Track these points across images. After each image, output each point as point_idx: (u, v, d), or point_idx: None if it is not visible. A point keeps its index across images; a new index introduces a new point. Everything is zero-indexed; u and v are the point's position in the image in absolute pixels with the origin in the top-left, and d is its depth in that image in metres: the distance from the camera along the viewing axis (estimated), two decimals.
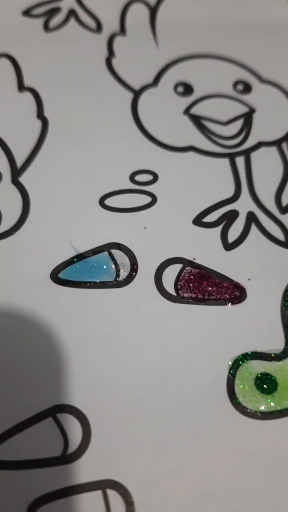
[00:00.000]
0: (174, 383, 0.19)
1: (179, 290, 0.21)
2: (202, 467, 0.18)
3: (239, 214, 0.23)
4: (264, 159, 0.25)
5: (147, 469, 0.18)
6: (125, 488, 0.17)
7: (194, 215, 0.23)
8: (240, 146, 0.25)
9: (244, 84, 0.27)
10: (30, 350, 0.19)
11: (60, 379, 0.19)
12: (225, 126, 0.26)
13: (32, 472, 0.17)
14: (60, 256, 0.21)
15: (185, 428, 0.19)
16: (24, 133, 0.24)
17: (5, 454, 0.17)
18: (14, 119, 0.16)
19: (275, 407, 0.19)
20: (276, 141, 0.26)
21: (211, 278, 0.22)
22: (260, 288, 0.22)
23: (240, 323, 0.21)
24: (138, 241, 0.22)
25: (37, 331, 0.19)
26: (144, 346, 0.20)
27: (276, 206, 0.24)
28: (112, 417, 0.18)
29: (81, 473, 0.17)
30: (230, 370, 0.20)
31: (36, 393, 0.18)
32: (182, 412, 0.19)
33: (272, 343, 0.21)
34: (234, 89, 0.27)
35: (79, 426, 0.18)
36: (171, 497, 0.17)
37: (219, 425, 0.19)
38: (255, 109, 0.27)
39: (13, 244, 0.21)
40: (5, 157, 0.23)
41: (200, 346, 0.20)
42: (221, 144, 0.25)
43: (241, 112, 0.26)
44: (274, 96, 0.27)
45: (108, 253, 0.21)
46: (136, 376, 0.19)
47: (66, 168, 0.23)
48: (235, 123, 0.26)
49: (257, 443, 0.19)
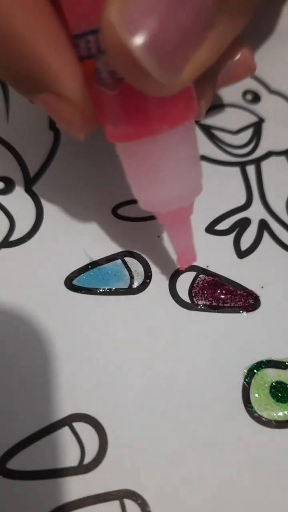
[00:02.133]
0: (189, 391, 0.19)
1: (193, 298, 0.21)
2: (219, 476, 0.18)
3: (251, 221, 0.23)
4: (274, 168, 0.25)
5: (164, 479, 0.18)
6: (142, 498, 0.17)
7: (207, 223, 0.23)
8: (250, 155, 0.26)
9: (253, 94, 0.28)
10: (43, 357, 0.19)
11: (76, 387, 0.19)
12: (235, 135, 0.26)
13: (49, 482, 0.17)
14: (73, 264, 0.21)
15: (201, 437, 0.18)
16: (37, 143, 0.24)
17: (21, 464, 0.17)
18: (27, 130, 0.16)
19: None
20: (285, 151, 0.26)
21: (225, 285, 0.22)
22: (273, 296, 0.22)
23: (254, 331, 0.21)
24: (152, 249, 0.22)
25: (51, 337, 0.19)
26: (159, 353, 0.20)
27: (287, 214, 0.24)
28: (128, 426, 0.18)
29: (98, 483, 0.17)
30: (245, 379, 0.20)
31: (50, 402, 0.18)
32: (198, 421, 0.19)
33: (286, 351, 0.20)
34: (244, 99, 0.27)
35: (96, 435, 0.18)
36: (188, 506, 0.17)
37: (235, 434, 0.19)
38: (264, 119, 0.27)
39: (28, 251, 0.21)
40: (18, 166, 0.23)
41: (214, 354, 0.20)
42: (232, 153, 0.25)
43: (251, 121, 0.27)
44: (282, 107, 0.28)
45: (121, 260, 0.21)
46: (150, 385, 0.19)
47: (79, 178, 0.23)
48: (244, 132, 0.26)
49: (272, 452, 0.18)
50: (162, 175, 0.16)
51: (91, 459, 0.17)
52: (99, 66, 0.14)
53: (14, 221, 0.22)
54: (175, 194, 0.17)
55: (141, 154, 0.16)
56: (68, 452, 0.18)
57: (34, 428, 0.18)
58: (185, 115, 0.15)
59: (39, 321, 0.20)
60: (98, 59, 0.14)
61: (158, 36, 0.10)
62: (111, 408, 0.18)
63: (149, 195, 0.17)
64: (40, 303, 0.20)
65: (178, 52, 0.10)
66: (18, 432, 0.18)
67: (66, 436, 0.18)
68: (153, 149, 0.16)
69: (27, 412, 0.18)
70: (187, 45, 0.10)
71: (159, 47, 0.10)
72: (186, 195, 0.18)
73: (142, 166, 0.16)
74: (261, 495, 0.18)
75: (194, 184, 0.18)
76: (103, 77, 0.14)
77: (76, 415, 0.18)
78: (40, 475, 0.17)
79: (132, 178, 0.17)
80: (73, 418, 0.18)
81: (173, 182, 0.17)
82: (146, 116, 0.15)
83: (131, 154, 0.16)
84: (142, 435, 0.18)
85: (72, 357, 0.19)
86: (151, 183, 0.17)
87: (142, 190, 0.17)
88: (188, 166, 0.17)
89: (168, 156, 0.16)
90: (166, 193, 0.17)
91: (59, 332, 0.20)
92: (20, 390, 0.18)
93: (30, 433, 0.18)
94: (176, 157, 0.16)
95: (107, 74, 0.14)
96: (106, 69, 0.14)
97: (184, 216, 0.18)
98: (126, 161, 0.17)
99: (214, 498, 0.17)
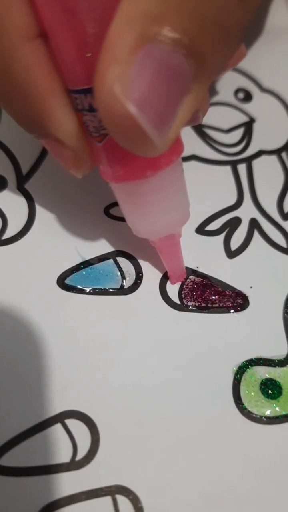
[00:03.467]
0: (180, 389, 0.19)
1: (183, 299, 0.21)
2: (210, 472, 0.18)
3: (241, 221, 0.24)
4: (266, 167, 0.26)
5: (156, 475, 0.18)
6: (134, 493, 0.17)
7: (197, 224, 0.23)
8: (241, 154, 0.26)
9: (245, 92, 0.28)
10: (36, 355, 0.19)
11: (68, 384, 0.19)
12: (227, 134, 0.26)
13: (41, 478, 0.17)
14: (66, 263, 0.21)
15: (192, 433, 0.19)
16: (29, 141, 0.24)
17: (14, 461, 0.17)
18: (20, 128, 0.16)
19: (280, 412, 0.19)
20: (276, 150, 0.26)
21: (214, 287, 0.22)
22: (262, 295, 0.22)
23: (243, 330, 0.21)
24: (144, 250, 0.22)
25: (43, 336, 0.20)
26: (150, 352, 0.20)
27: (278, 212, 0.24)
28: (120, 423, 0.19)
29: (90, 479, 0.17)
30: (236, 376, 0.20)
31: (43, 399, 0.19)
32: (189, 418, 0.19)
33: (275, 349, 0.21)
34: (235, 97, 0.27)
35: (88, 432, 0.18)
36: (179, 502, 0.18)
37: (225, 430, 0.19)
38: (255, 119, 0.27)
39: (20, 250, 0.21)
40: (10, 164, 0.23)
41: (204, 353, 0.20)
42: (223, 152, 0.26)
43: (242, 121, 0.27)
44: (273, 106, 0.28)
45: (113, 260, 0.22)
46: (142, 383, 0.19)
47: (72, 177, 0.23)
48: (236, 131, 0.26)
49: (263, 448, 0.19)
50: (151, 210, 0.18)
51: (83, 456, 0.18)
52: (86, 120, 0.15)
53: (7, 219, 0.22)
54: (164, 225, 0.19)
55: (130, 192, 0.17)
56: (60, 448, 0.18)
57: (26, 425, 0.18)
58: (171, 159, 0.17)
59: (31, 319, 0.20)
60: (85, 114, 0.15)
61: (149, 100, 0.12)
62: (103, 405, 0.19)
63: (140, 227, 0.19)
64: (32, 302, 0.20)
65: (166, 111, 0.13)
66: (10, 429, 0.18)
67: (58, 433, 0.18)
68: (141, 189, 0.17)
69: (20, 409, 0.18)
70: (172, 104, 0.13)
71: (150, 108, 0.12)
72: (175, 225, 0.19)
73: (133, 202, 0.18)
74: (252, 491, 0.18)
75: (183, 214, 0.19)
76: (90, 130, 0.16)
77: (69, 412, 0.18)
78: (32, 471, 0.17)
79: (125, 211, 0.19)
80: (66, 415, 0.18)
81: (163, 215, 0.18)
82: (132, 164, 0.16)
83: (122, 191, 0.18)
84: (133, 432, 0.18)
85: (64, 355, 0.19)
86: (142, 217, 0.18)
87: (133, 222, 0.19)
88: (176, 200, 0.18)
89: (156, 194, 0.17)
90: (156, 225, 0.18)
91: (51, 330, 0.20)
92: (13, 388, 0.18)
93: (22, 430, 0.18)
94: (164, 194, 0.17)
95: (93, 128, 0.15)
96: (91, 124, 0.15)
97: (174, 240, 0.20)
98: (118, 196, 0.18)
99: (206, 494, 0.18)
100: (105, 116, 0.12)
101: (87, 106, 0.15)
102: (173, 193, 0.18)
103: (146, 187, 0.17)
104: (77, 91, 0.15)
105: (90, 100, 0.15)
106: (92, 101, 0.15)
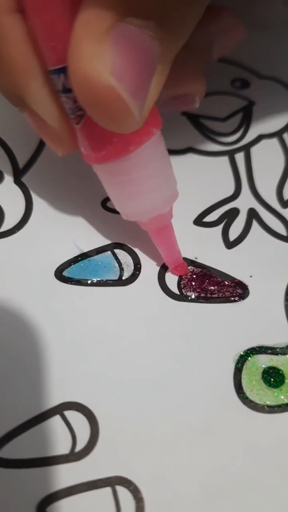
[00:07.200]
0: (181, 379, 0.19)
1: (182, 289, 0.21)
2: (211, 462, 0.18)
3: (239, 211, 0.24)
4: (265, 153, 0.25)
5: (156, 465, 0.18)
6: (134, 484, 0.17)
7: (195, 215, 0.23)
8: (239, 142, 0.26)
9: (241, 81, 0.28)
10: (34, 347, 0.19)
11: (67, 376, 0.19)
12: (224, 122, 0.26)
13: (41, 470, 0.17)
14: (63, 255, 0.21)
15: (194, 423, 0.19)
16: (26, 134, 0.24)
17: (13, 453, 0.17)
18: (17, 120, 0.16)
19: (283, 401, 0.19)
20: (276, 132, 0.26)
21: (213, 277, 0.22)
22: (262, 284, 0.22)
23: (244, 320, 0.21)
24: (141, 242, 0.22)
25: (41, 328, 0.19)
26: (149, 343, 0.20)
27: (277, 200, 0.24)
28: (119, 414, 0.18)
29: (90, 470, 0.17)
30: (237, 364, 0.20)
31: (42, 391, 0.18)
32: (190, 407, 0.19)
33: (277, 337, 0.21)
34: (232, 86, 0.27)
35: (87, 423, 0.18)
36: (180, 493, 0.17)
37: (227, 419, 0.19)
38: (254, 102, 0.27)
39: (17, 242, 0.21)
40: (7, 157, 0.23)
41: (204, 343, 0.20)
42: (220, 142, 0.25)
43: (240, 106, 0.26)
44: (273, 89, 0.27)
45: (111, 252, 0.22)
46: (141, 374, 0.19)
47: (69, 169, 0.23)
48: (234, 118, 0.26)
49: (265, 437, 0.19)
50: (137, 188, 0.18)
51: (83, 447, 0.18)
52: (62, 102, 0.15)
53: (4, 212, 0.22)
54: (152, 204, 0.18)
55: (115, 172, 0.17)
56: (59, 440, 0.18)
57: (25, 416, 0.18)
58: (150, 131, 0.16)
59: (30, 311, 0.20)
60: (61, 96, 0.15)
61: (125, 72, 0.13)
62: (102, 396, 0.19)
63: (128, 208, 0.19)
64: (30, 294, 0.20)
65: (141, 83, 0.13)
66: (9, 421, 0.18)
67: (57, 425, 0.18)
68: (125, 167, 0.17)
69: (19, 401, 0.18)
70: (146, 76, 0.14)
71: (127, 79, 0.13)
72: (163, 203, 0.19)
73: (118, 182, 0.18)
74: (254, 480, 0.18)
75: (170, 191, 0.19)
76: (67, 111, 0.16)
77: (68, 404, 0.18)
78: (32, 463, 0.17)
79: (111, 194, 0.19)
80: (65, 407, 0.18)
81: (149, 193, 0.18)
82: (113, 141, 0.16)
83: (106, 173, 0.18)
84: (133, 422, 0.18)
85: (63, 346, 0.19)
86: (129, 197, 0.18)
87: (121, 204, 0.19)
88: (161, 175, 0.18)
89: (140, 171, 0.17)
90: (144, 204, 0.18)
91: (50, 322, 0.20)
92: (12, 380, 0.18)
93: (21, 421, 0.18)
94: (148, 170, 0.17)
95: (69, 110, 0.15)
96: (67, 106, 0.15)
97: (165, 221, 0.20)
98: (103, 179, 0.18)
99: (207, 484, 0.18)
100: (82, 92, 0.13)
101: (61, 87, 0.15)
102: (157, 169, 0.17)
103: (129, 164, 0.17)
104: (52, 72, 0.15)
105: (63, 80, 0.15)
106: (65, 81, 0.14)
